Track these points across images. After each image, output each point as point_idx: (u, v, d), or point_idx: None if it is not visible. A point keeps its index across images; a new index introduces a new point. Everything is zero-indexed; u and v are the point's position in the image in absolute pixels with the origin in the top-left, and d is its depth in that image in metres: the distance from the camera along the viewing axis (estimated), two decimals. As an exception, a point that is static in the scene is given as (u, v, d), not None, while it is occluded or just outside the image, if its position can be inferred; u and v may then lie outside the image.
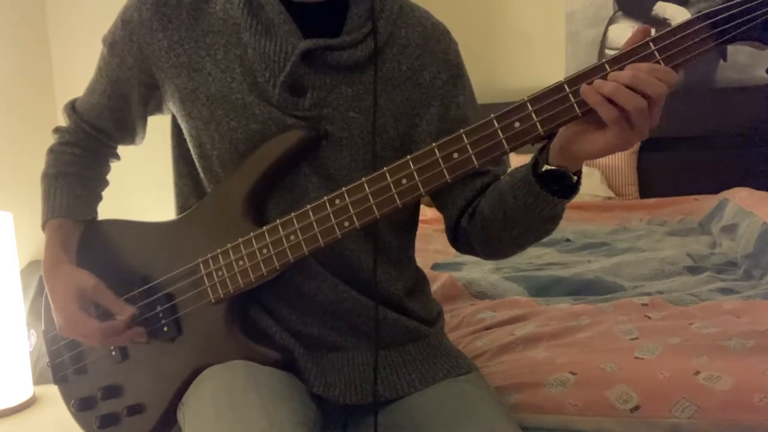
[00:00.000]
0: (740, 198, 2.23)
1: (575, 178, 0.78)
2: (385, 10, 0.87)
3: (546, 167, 0.77)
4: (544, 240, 2.28)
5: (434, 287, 1.53)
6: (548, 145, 0.76)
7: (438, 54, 0.90)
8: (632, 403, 0.94)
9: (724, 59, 3.09)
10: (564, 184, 0.78)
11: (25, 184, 1.93)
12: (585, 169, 3.09)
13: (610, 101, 0.67)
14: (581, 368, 1.02)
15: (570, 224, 2.50)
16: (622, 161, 3.02)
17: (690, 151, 3.05)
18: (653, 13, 3.17)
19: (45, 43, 2.14)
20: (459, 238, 0.93)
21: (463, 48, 0.95)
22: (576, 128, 0.72)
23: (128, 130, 0.98)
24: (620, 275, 1.69)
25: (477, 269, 1.80)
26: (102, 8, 1.91)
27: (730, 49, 3.07)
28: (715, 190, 2.56)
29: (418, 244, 1.01)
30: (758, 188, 2.36)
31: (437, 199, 0.93)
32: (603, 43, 3.26)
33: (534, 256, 2.01)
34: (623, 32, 3.22)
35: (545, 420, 0.96)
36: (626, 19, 3.22)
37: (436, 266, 1.87)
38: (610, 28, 3.25)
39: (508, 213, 0.82)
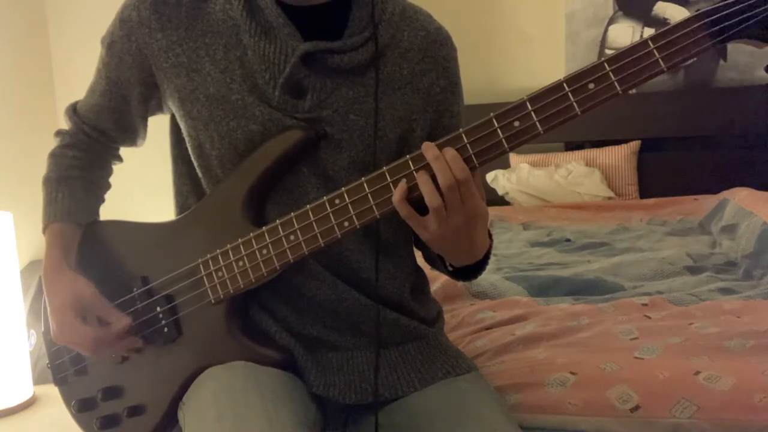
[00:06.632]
0: (740, 198, 2.23)
1: (450, 268, 0.88)
2: (387, 12, 0.87)
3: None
4: (545, 240, 2.28)
5: (434, 287, 1.53)
6: None
7: (439, 60, 0.90)
8: (632, 403, 0.94)
9: (724, 59, 3.08)
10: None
11: (26, 184, 1.93)
12: (585, 169, 3.06)
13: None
14: (581, 368, 1.02)
15: (570, 224, 2.50)
16: (622, 161, 3.02)
17: (690, 151, 3.05)
18: (653, 13, 3.16)
19: (45, 43, 2.14)
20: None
21: (464, 48, 0.95)
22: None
23: (129, 130, 0.98)
24: (620, 275, 1.69)
25: (477, 269, 1.80)
26: (102, 8, 1.91)
27: (730, 49, 3.07)
28: (715, 190, 2.56)
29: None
30: (758, 188, 2.36)
31: None
32: (603, 43, 3.26)
33: (534, 256, 2.00)
34: (623, 32, 3.22)
35: (545, 420, 0.96)
36: (626, 19, 3.22)
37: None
38: (610, 28, 3.25)
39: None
